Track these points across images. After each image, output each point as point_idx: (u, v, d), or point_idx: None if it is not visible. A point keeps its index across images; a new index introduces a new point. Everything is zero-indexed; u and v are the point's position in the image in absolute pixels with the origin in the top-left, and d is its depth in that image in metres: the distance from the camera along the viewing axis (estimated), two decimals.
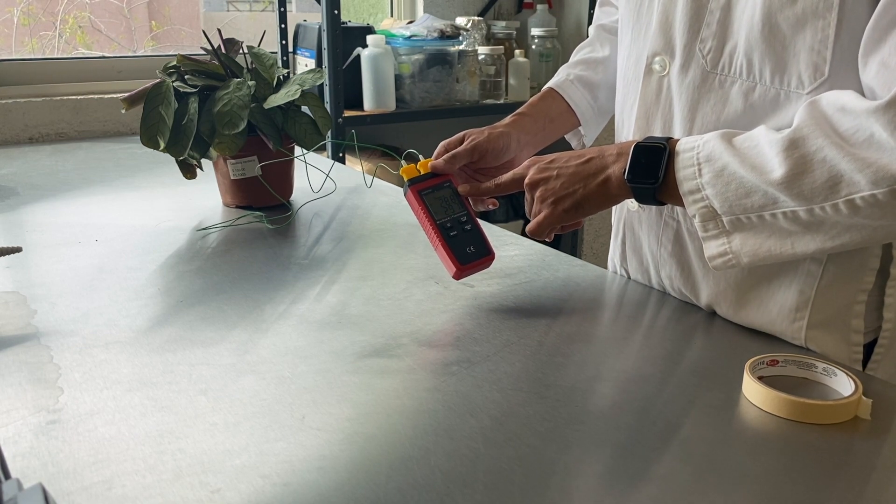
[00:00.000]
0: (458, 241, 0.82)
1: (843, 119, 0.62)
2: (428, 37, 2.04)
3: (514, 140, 0.91)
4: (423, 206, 0.83)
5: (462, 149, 0.88)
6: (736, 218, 0.68)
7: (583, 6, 2.42)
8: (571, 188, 0.76)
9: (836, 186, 0.61)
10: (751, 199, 0.66)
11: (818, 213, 0.63)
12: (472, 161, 0.89)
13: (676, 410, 0.62)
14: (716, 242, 0.70)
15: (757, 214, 0.66)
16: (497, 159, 0.90)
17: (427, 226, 0.83)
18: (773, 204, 0.65)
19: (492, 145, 0.89)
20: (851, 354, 0.74)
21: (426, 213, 0.83)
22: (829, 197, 0.62)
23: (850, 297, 0.72)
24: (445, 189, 0.85)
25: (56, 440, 0.56)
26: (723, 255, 0.69)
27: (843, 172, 0.61)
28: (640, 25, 0.81)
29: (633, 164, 0.72)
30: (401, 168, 0.87)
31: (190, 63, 1.13)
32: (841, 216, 0.62)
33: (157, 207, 1.19)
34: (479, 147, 0.88)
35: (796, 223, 0.65)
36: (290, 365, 0.68)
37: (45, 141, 1.76)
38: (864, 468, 0.55)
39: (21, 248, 0.85)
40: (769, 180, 0.64)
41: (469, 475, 0.53)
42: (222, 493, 0.51)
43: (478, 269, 0.84)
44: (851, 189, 0.61)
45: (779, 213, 0.65)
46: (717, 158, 0.67)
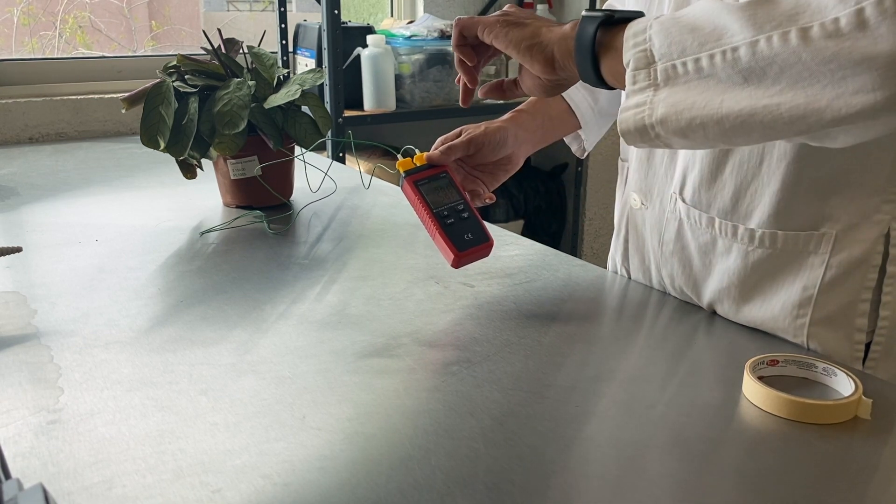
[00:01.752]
0: (455, 228, 0.82)
1: None
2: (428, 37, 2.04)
3: (511, 135, 0.91)
4: (420, 196, 0.83)
5: (458, 141, 0.88)
6: (671, 65, 0.59)
7: (583, 6, 2.43)
8: (519, 13, 0.72)
9: (797, 15, 0.53)
10: (693, 35, 0.57)
11: (762, 47, 0.54)
12: (469, 155, 0.89)
13: (676, 410, 0.62)
14: (639, 96, 0.61)
15: (693, 58, 0.57)
16: (494, 154, 0.90)
17: (424, 215, 0.83)
18: (716, 40, 0.56)
19: (488, 138, 0.89)
20: (853, 353, 0.74)
21: (423, 202, 0.83)
22: (784, 24, 0.53)
23: (854, 294, 0.72)
24: (442, 180, 0.85)
25: (56, 440, 0.56)
26: (638, 106, 0.61)
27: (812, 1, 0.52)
28: None
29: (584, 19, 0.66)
30: (397, 161, 0.88)
31: (190, 63, 1.13)
32: (787, 50, 0.53)
33: (157, 207, 1.19)
34: (475, 140, 0.88)
35: (734, 67, 0.56)
36: (290, 365, 0.68)
37: (45, 141, 1.76)
38: (864, 468, 0.55)
39: (21, 248, 0.85)
40: (726, 7, 0.56)
41: (469, 475, 0.53)
42: (223, 493, 0.51)
43: (476, 256, 0.83)
44: (814, 17, 0.52)
45: (717, 52, 0.56)
46: (687, 9, 0.60)
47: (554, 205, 2.60)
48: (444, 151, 0.87)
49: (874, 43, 0.49)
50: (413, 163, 0.86)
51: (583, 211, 2.61)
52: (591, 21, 0.65)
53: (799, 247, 0.73)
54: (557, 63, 0.68)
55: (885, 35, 0.49)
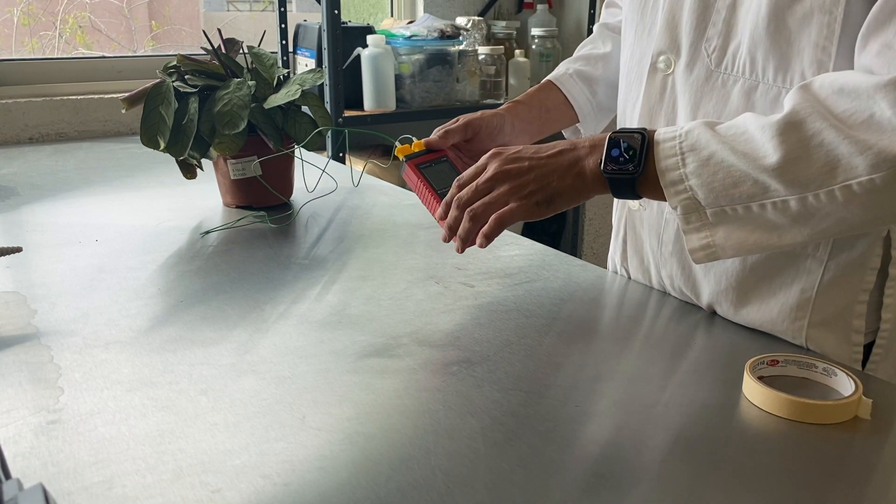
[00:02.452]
0: None
1: (840, 100, 0.60)
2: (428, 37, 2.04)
3: (507, 122, 0.92)
4: (423, 178, 0.83)
5: (455, 125, 0.89)
6: (721, 209, 0.65)
7: (583, 6, 2.42)
8: (545, 181, 0.72)
9: (833, 171, 0.59)
10: (738, 189, 0.64)
11: (811, 201, 0.61)
12: (467, 141, 0.90)
13: (677, 410, 0.62)
14: (698, 235, 0.67)
15: (744, 206, 0.64)
16: (491, 139, 0.91)
17: (428, 196, 0.83)
18: (763, 194, 0.63)
19: (485, 122, 0.90)
20: (852, 354, 0.74)
21: (426, 184, 0.83)
22: (825, 183, 0.60)
23: (851, 296, 0.72)
24: (443, 163, 0.86)
25: (56, 440, 0.56)
26: (705, 249, 0.67)
27: (842, 156, 0.59)
28: (645, 24, 0.81)
29: (608, 152, 0.70)
30: (396, 149, 0.88)
31: (190, 63, 1.13)
32: (835, 205, 0.60)
33: (157, 207, 1.19)
34: (472, 124, 0.89)
35: (785, 214, 0.63)
36: (290, 365, 0.68)
37: (45, 141, 1.76)
38: (864, 468, 0.55)
39: (21, 248, 0.85)
40: (762, 167, 0.62)
41: (469, 475, 0.53)
42: (223, 493, 0.51)
43: None
44: (849, 174, 0.59)
45: (768, 203, 0.63)
46: (703, 147, 0.65)
47: None
48: (441, 135, 0.88)
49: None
50: (411, 149, 0.87)
51: (583, 211, 2.61)
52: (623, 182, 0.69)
53: (797, 249, 0.73)
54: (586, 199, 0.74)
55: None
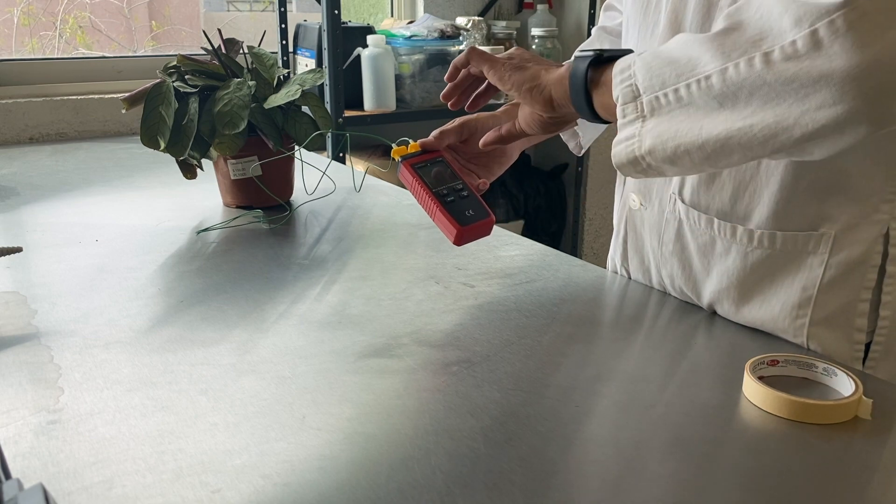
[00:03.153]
0: (455, 206, 0.82)
1: None
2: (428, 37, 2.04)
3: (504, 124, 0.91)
4: (418, 177, 0.84)
5: (451, 126, 0.89)
6: (654, 97, 0.62)
7: (583, 6, 2.43)
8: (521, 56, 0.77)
9: (760, 41, 0.56)
10: (671, 68, 0.61)
11: (731, 73, 0.57)
12: (463, 142, 0.90)
13: (676, 410, 0.62)
14: (629, 129, 0.65)
15: (673, 88, 0.61)
16: None
17: (423, 195, 0.83)
18: (691, 71, 0.60)
19: (481, 124, 0.90)
20: (853, 353, 0.74)
21: (421, 183, 0.83)
22: (748, 51, 0.56)
23: (853, 294, 0.72)
24: (439, 163, 0.86)
25: (56, 440, 0.56)
26: (628, 139, 0.65)
27: (773, 23, 0.55)
28: (647, 24, 0.81)
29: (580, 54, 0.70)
30: (392, 150, 0.88)
31: (190, 63, 1.13)
32: (753, 74, 0.56)
33: (157, 207, 1.19)
34: (468, 125, 0.89)
35: (709, 94, 0.59)
36: (290, 365, 0.68)
37: (45, 141, 1.76)
38: (864, 468, 0.55)
39: (21, 248, 0.85)
40: (698, 39, 0.60)
41: (470, 475, 0.53)
42: (223, 493, 0.51)
43: (478, 232, 0.83)
44: (774, 41, 0.55)
45: (692, 81, 0.60)
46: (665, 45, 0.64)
47: (554, 205, 2.60)
48: (436, 136, 0.89)
49: (829, 61, 0.53)
50: (407, 150, 0.87)
51: (583, 211, 2.61)
52: (582, 60, 0.69)
53: (798, 247, 0.73)
54: (556, 102, 0.73)
55: (839, 52, 0.52)
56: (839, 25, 0.52)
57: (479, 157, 0.91)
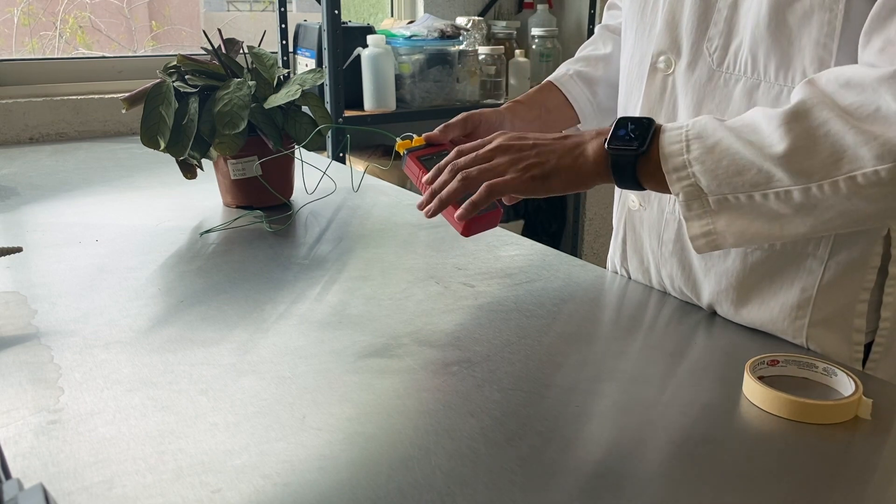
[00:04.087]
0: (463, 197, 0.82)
1: (847, 93, 0.60)
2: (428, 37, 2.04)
3: (507, 121, 0.92)
4: (424, 170, 0.84)
5: (455, 120, 0.90)
6: (723, 197, 0.65)
7: (583, 6, 2.42)
8: (545, 157, 0.73)
9: (838, 162, 0.59)
10: (742, 178, 0.64)
11: (815, 192, 0.61)
12: (466, 135, 0.91)
13: (677, 410, 0.62)
14: (699, 223, 0.67)
15: (746, 195, 0.64)
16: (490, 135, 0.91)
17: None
18: (767, 183, 0.63)
19: (484, 118, 0.91)
20: (853, 354, 0.74)
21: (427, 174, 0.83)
22: (830, 174, 0.60)
23: (852, 295, 0.72)
24: (444, 156, 0.86)
25: (56, 440, 0.56)
26: (707, 236, 0.67)
27: (847, 147, 0.59)
28: (645, 25, 0.82)
29: (615, 132, 0.70)
30: (397, 144, 0.88)
31: (190, 63, 1.13)
32: (839, 196, 0.60)
33: (157, 207, 1.19)
34: (471, 118, 0.90)
35: (788, 204, 0.63)
36: (290, 365, 0.68)
37: (45, 141, 1.76)
38: (864, 468, 0.55)
39: (21, 248, 0.85)
40: (767, 155, 0.62)
41: (470, 475, 0.53)
42: (223, 493, 0.51)
43: (486, 224, 0.83)
44: (854, 165, 0.59)
45: (771, 193, 0.63)
46: (709, 135, 0.65)
47: (554, 205, 2.60)
48: (441, 129, 0.90)
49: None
50: (412, 144, 0.88)
51: (583, 211, 2.61)
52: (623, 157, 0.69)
53: (797, 248, 0.73)
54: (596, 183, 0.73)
55: None
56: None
57: None
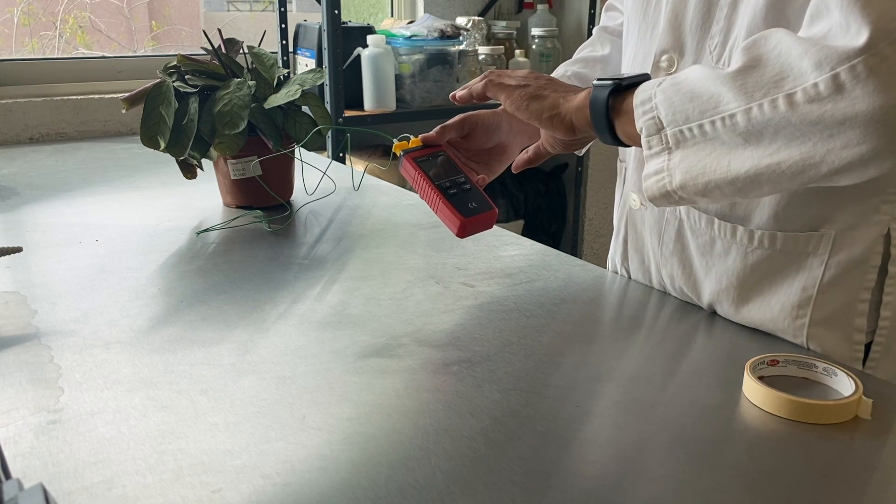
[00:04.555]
0: (458, 198, 0.82)
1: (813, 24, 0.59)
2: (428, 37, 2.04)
3: (504, 121, 0.92)
4: (420, 170, 0.84)
5: (452, 121, 0.90)
6: (678, 130, 0.64)
7: (583, 6, 2.43)
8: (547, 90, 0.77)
9: (781, 82, 0.57)
10: (693, 104, 0.63)
11: (755, 113, 0.59)
12: (464, 137, 0.91)
13: (676, 410, 0.62)
14: (656, 161, 0.66)
15: (697, 124, 0.63)
16: (488, 137, 0.91)
17: (426, 188, 0.83)
18: (714, 108, 0.61)
19: (482, 119, 0.91)
20: (853, 353, 0.74)
21: (424, 176, 0.83)
22: (770, 92, 0.58)
23: (853, 294, 0.72)
24: (440, 157, 0.87)
25: (56, 440, 0.56)
26: (658, 173, 0.66)
27: (793, 63, 0.57)
28: (647, 24, 0.82)
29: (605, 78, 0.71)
30: (393, 145, 0.88)
31: (190, 63, 1.13)
32: (778, 118, 0.58)
33: (157, 207, 1.19)
34: (468, 120, 0.90)
35: (734, 131, 0.61)
36: (290, 365, 0.68)
37: (45, 141, 1.76)
38: (864, 468, 0.55)
39: (21, 248, 0.85)
40: (719, 76, 0.62)
41: (470, 475, 0.53)
42: (223, 493, 0.51)
43: (481, 224, 0.83)
44: (796, 83, 0.56)
45: (717, 118, 0.61)
46: (678, 75, 0.66)
47: (554, 205, 2.60)
48: (438, 131, 0.90)
49: (852, 104, 0.54)
50: (409, 145, 0.88)
51: (583, 211, 2.61)
52: (602, 89, 0.71)
53: (798, 247, 0.73)
54: (577, 128, 0.75)
55: (861, 96, 0.54)
56: (860, 70, 0.53)
57: (479, 154, 0.92)
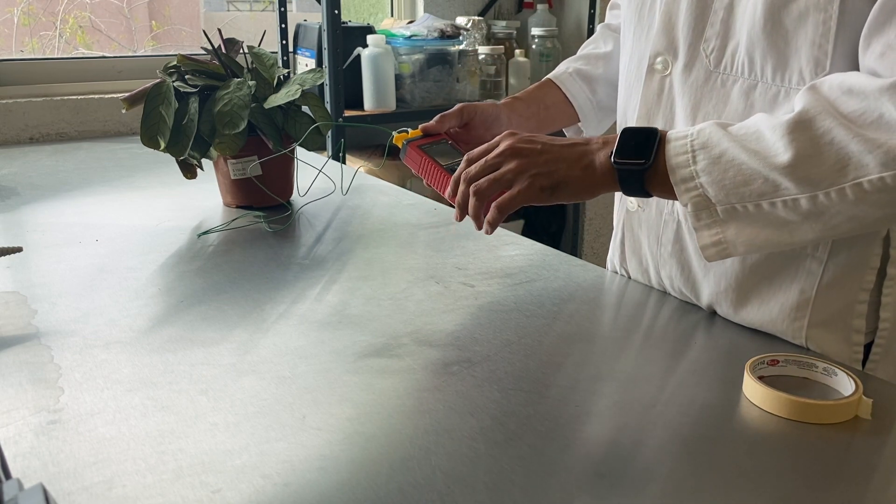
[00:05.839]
0: None
1: (849, 101, 0.61)
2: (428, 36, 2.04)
3: (504, 115, 0.92)
4: (428, 156, 0.84)
5: (451, 110, 0.91)
6: (731, 207, 0.66)
7: (583, 6, 2.42)
8: (554, 167, 0.73)
9: (843, 170, 0.60)
10: (749, 188, 0.64)
11: (822, 200, 0.62)
12: (462, 126, 0.91)
13: (677, 410, 0.62)
14: (709, 232, 0.67)
15: (754, 203, 0.65)
16: (486, 129, 0.92)
17: (434, 172, 0.83)
18: (774, 192, 0.63)
19: (480, 109, 0.91)
20: (852, 354, 0.74)
21: (431, 160, 0.83)
22: (836, 181, 0.61)
23: (851, 296, 0.72)
24: (443, 143, 0.88)
25: (57, 440, 0.56)
26: (716, 245, 0.67)
27: (852, 155, 0.60)
28: (643, 26, 0.82)
29: (620, 146, 0.70)
30: (393, 138, 0.88)
31: (190, 63, 1.13)
32: (846, 203, 0.61)
33: (157, 207, 1.19)
34: (467, 109, 0.91)
35: (796, 212, 0.63)
36: (290, 365, 0.68)
37: (45, 141, 1.76)
38: (864, 468, 0.55)
39: (21, 248, 0.85)
40: (772, 164, 0.63)
41: (470, 475, 0.53)
42: (223, 493, 0.51)
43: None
44: (860, 172, 0.59)
45: (778, 201, 0.63)
46: (715, 145, 0.66)
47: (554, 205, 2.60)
48: (437, 119, 0.90)
49: None
50: (409, 135, 0.88)
51: (583, 211, 2.61)
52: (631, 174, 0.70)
53: (796, 249, 0.73)
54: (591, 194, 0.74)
55: None
56: None
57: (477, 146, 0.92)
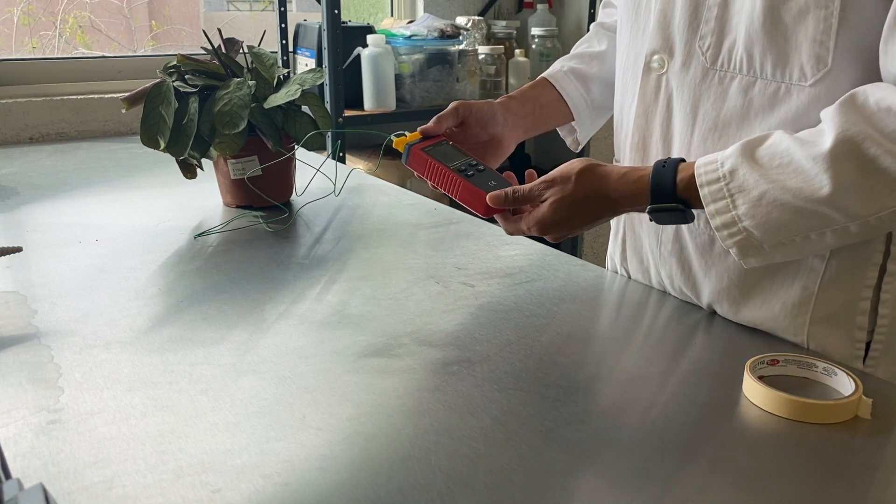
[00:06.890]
0: (477, 178, 0.82)
1: (890, 120, 0.60)
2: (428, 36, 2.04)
3: (499, 114, 0.92)
4: (432, 159, 0.84)
5: (446, 111, 0.91)
6: (779, 241, 0.66)
7: (583, 6, 2.42)
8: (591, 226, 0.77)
9: (893, 193, 0.61)
10: (796, 224, 0.65)
11: (873, 224, 0.63)
12: (458, 123, 0.91)
13: (676, 410, 0.62)
14: (755, 259, 0.69)
15: (802, 236, 0.65)
16: (482, 127, 0.91)
17: (442, 174, 0.83)
18: (823, 224, 0.64)
19: (475, 108, 0.91)
20: (854, 352, 0.74)
21: (437, 163, 0.83)
22: (888, 205, 0.61)
23: (853, 293, 0.72)
24: (444, 145, 0.87)
25: (57, 440, 0.56)
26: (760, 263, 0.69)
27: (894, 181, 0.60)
28: (639, 24, 0.82)
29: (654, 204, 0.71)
30: (393, 142, 0.88)
31: (190, 63, 1.13)
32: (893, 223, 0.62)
33: (157, 207, 1.19)
34: (462, 106, 0.91)
35: (846, 237, 0.64)
36: (290, 365, 0.68)
37: (45, 141, 1.76)
38: (864, 468, 0.55)
39: (21, 248, 0.85)
40: (818, 199, 0.63)
41: (470, 475, 0.53)
42: (223, 493, 0.51)
43: None
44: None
45: (828, 231, 0.64)
46: (752, 187, 0.65)
47: None
48: (434, 121, 0.90)
49: None
50: (408, 139, 0.88)
51: None
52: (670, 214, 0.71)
53: None
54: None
55: None
56: None
57: (474, 147, 0.92)
